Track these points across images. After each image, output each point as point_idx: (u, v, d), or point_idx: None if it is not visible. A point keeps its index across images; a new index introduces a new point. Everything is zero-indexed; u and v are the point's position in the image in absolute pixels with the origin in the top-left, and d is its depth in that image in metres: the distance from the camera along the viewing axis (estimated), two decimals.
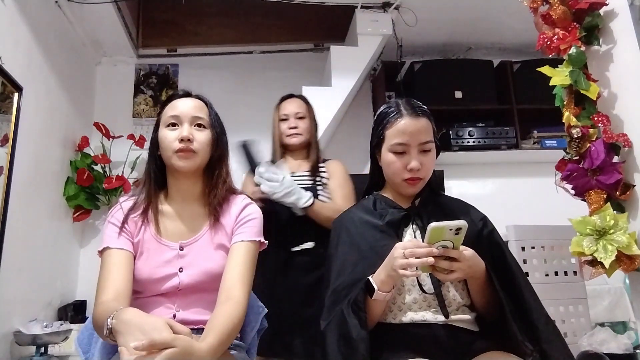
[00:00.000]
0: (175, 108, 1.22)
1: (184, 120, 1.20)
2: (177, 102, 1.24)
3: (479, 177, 3.48)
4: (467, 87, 3.28)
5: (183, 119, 1.21)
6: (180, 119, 1.21)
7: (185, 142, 1.17)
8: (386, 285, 1.06)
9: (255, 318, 1.25)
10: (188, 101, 1.25)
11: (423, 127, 1.19)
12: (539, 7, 1.41)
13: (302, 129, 1.90)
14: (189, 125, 1.20)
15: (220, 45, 3.52)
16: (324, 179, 1.86)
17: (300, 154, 1.93)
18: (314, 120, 1.96)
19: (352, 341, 1.04)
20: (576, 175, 1.27)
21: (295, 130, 1.89)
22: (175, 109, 1.22)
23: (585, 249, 1.19)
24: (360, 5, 2.98)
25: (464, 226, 0.99)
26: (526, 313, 1.10)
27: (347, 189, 1.85)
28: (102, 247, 1.16)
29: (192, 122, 1.21)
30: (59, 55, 2.76)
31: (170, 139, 1.19)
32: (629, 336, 2.31)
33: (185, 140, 1.18)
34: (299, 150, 1.93)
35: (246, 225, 1.21)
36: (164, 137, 1.21)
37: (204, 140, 1.21)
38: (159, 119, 1.25)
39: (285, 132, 1.90)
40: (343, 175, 1.88)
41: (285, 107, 1.94)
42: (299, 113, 1.92)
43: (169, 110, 1.23)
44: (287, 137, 1.90)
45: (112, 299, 1.05)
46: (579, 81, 1.28)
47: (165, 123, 1.21)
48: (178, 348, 0.84)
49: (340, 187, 1.84)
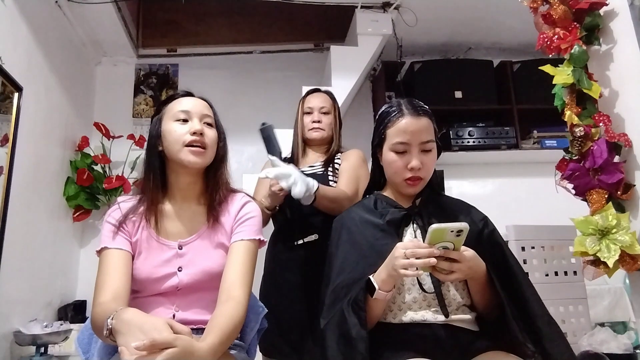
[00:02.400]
0: (184, 104, 1.22)
1: (194, 116, 1.20)
2: (183, 99, 1.24)
3: (479, 177, 3.48)
4: (467, 87, 3.28)
5: (193, 115, 1.20)
6: (190, 114, 1.20)
7: (198, 136, 1.17)
8: (387, 284, 1.06)
9: (255, 318, 1.25)
10: (197, 100, 1.25)
11: (424, 126, 1.19)
12: (539, 7, 1.41)
13: (325, 124, 1.85)
14: (199, 121, 1.20)
15: (220, 45, 3.52)
16: (337, 164, 1.80)
17: (321, 149, 1.87)
18: (338, 117, 1.91)
19: (351, 340, 1.04)
20: (578, 174, 1.27)
21: (318, 124, 1.84)
22: (184, 104, 1.22)
23: (589, 248, 1.19)
24: (360, 5, 2.98)
25: (466, 228, 0.99)
26: (528, 313, 1.09)
27: (355, 173, 1.75)
28: (100, 248, 1.15)
29: (201, 119, 1.21)
30: (59, 55, 2.76)
31: (181, 132, 1.18)
32: (629, 336, 2.31)
33: (198, 133, 1.17)
34: (320, 145, 1.87)
35: (245, 224, 1.20)
36: (172, 130, 1.19)
37: (213, 138, 1.22)
38: (161, 115, 1.24)
39: (308, 125, 1.85)
40: (355, 160, 1.81)
41: (310, 101, 1.89)
42: (323, 108, 1.86)
43: (176, 105, 1.22)
44: (309, 131, 1.84)
45: (110, 299, 1.04)
46: (581, 80, 1.28)
47: (174, 117, 1.20)
48: (179, 348, 0.84)
49: (348, 170, 1.76)
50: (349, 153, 1.85)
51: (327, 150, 1.86)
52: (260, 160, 2.00)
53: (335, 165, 1.80)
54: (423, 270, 1.06)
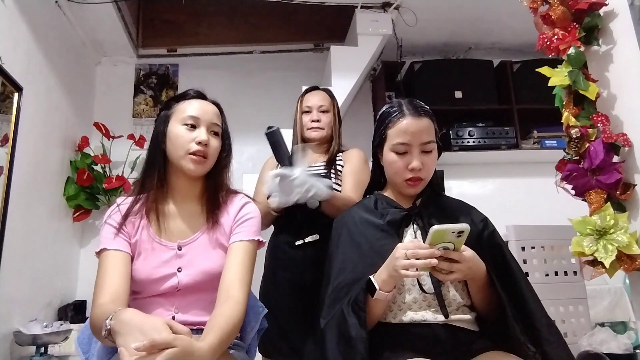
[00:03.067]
0: (195, 108, 1.21)
1: (202, 124, 1.19)
2: (197, 102, 1.22)
3: (479, 177, 3.48)
4: (467, 87, 3.28)
5: (202, 122, 1.20)
6: (199, 121, 1.19)
7: (202, 146, 1.17)
8: (387, 285, 1.07)
9: (255, 318, 1.25)
10: (207, 105, 1.23)
11: (425, 127, 1.19)
12: (539, 7, 1.41)
13: (324, 123, 1.81)
14: (206, 130, 1.20)
15: (220, 45, 3.52)
16: (339, 166, 1.77)
17: (321, 148, 1.83)
18: (338, 115, 1.87)
19: (351, 340, 1.04)
20: (576, 175, 1.27)
21: (317, 124, 1.81)
22: (195, 109, 1.21)
23: (586, 249, 1.19)
24: (360, 5, 2.98)
25: (467, 229, 0.99)
26: (527, 314, 1.09)
27: (359, 177, 1.71)
28: (99, 249, 1.15)
29: (209, 128, 1.20)
30: (59, 55, 2.76)
31: (187, 139, 1.17)
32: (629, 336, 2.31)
33: (204, 144, 1.17)
34: (320, 145, 1.83)
35: (244, 225, 1.20)
36: (179, 135, 1.18)
37: (216, 148, 1.22)
38: (170, 113, 1.22)
39: (307, 125, 1.82)
40: (358, 162, 1.77)
41: (309, 99, 1.85)
42: (322, 106, 1.83)
43: (188, 108, 1.20)
44: (308, 130, 1.81)
45: (109, 301, 1.04)
46: (577, 81, 1.28)
47: (183, 121, 1.19)
48: (178, 348, 0.84)
49: (352, 174, 1.73)
50: (351, 154, 1.82)
51: (327, 150, 1.83)
52: (260, 160, 1.99)
53: (338, 167, 1.78)
54: (423, 271, 1.06)
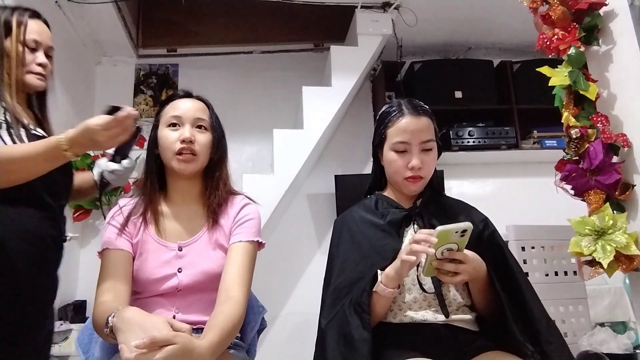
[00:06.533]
0: (177, 108, 1.22)
1: (186, 122, 1.20)
2: (178, 102, 1.24)
3: (479, 177, 3.48)
4: (467, 87, 3.27)
5: (185, 120, 1.20)
6: (182, 119, 1.20)
7: (187, 143, 1.17)
8: (391, 281, 1.07)
9: (255, 318, 1.25)
10: (190, 102, 1.24)
11: (424, 126, 1.20)
12: (539, 7, 1.41)
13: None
14: (191, 126, 1.20)
15: (220, 45, 3.51)
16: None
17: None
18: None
19: (353, 341, 1.04)
20: (575, 175, 1.27)
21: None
22: (177, 109, 1.22)
23: (584, 249, 1.19)
24: (360, 5, 2.98)
25: (470, 228, 0.99)
26: (527, 315, 1.10)
27: None
28: (102, 249, 1.16)
29: (193, 124, 1.21)
30: (59, 55, 2.72)
31: (172, 140, 1.19)
32: (629, 336, 2.31)
33: (187, 141, 1.17)
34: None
35: (244, 226, 1.21)
36: (164, 137, 1.20)
37: (205, 143, 1.21)
38: (159, 118, 1.25)
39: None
40: None
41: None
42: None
43: (170, 110, 1.23)
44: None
45: (111, 299, 1.05)
46: (577, 81, 1.28)
47: (167, 123, 1.21)
48: (178, 345, 0.84)
49: None
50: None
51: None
52: (260, 160, 1.98)
53: None
54: (428, 274, 1.06)
